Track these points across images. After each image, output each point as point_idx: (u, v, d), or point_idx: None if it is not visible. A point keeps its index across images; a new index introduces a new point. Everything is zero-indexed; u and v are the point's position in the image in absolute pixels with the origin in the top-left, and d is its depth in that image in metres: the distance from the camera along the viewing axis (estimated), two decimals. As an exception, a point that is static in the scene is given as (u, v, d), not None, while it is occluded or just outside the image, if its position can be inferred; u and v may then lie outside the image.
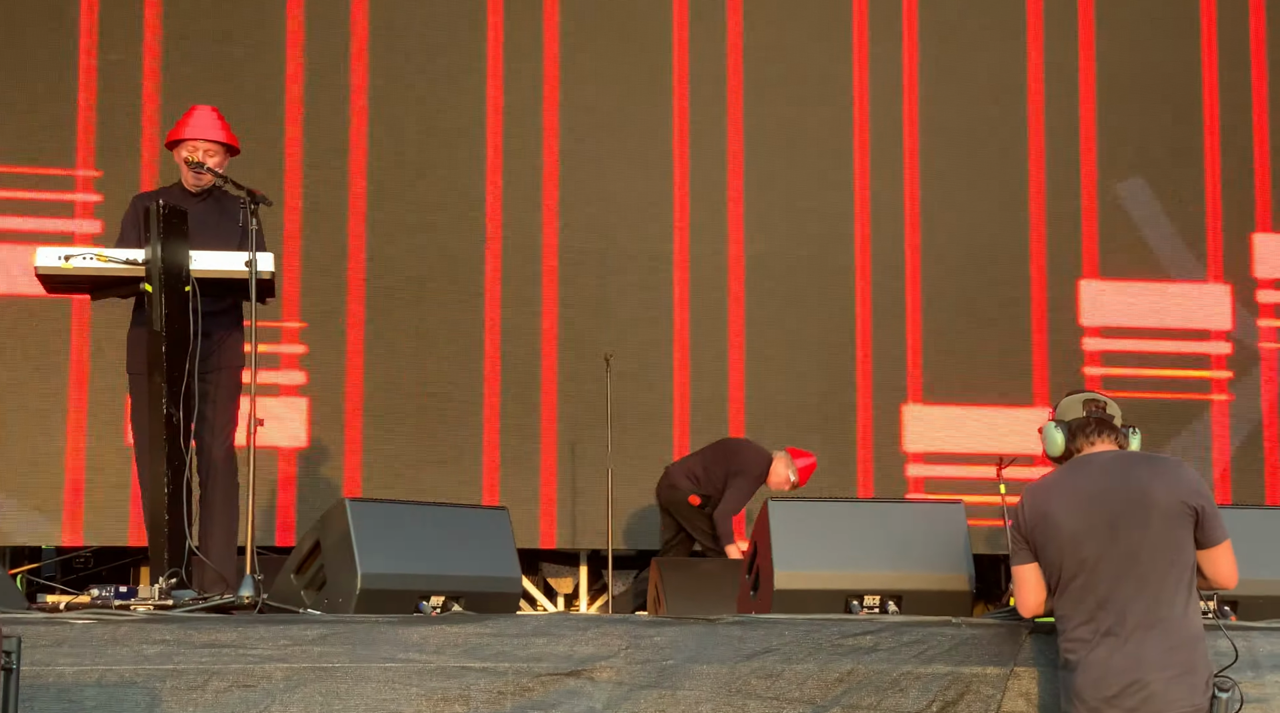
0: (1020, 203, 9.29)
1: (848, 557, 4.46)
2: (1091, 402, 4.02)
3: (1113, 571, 3.80)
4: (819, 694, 4.16)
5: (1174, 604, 3.76)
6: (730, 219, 9.05)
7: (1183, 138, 9.42)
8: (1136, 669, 3.72)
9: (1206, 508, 3.82)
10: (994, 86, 9.33)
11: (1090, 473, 3.90)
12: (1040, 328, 9.16)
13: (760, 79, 9.15)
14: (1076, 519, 3.86)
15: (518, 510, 7.68)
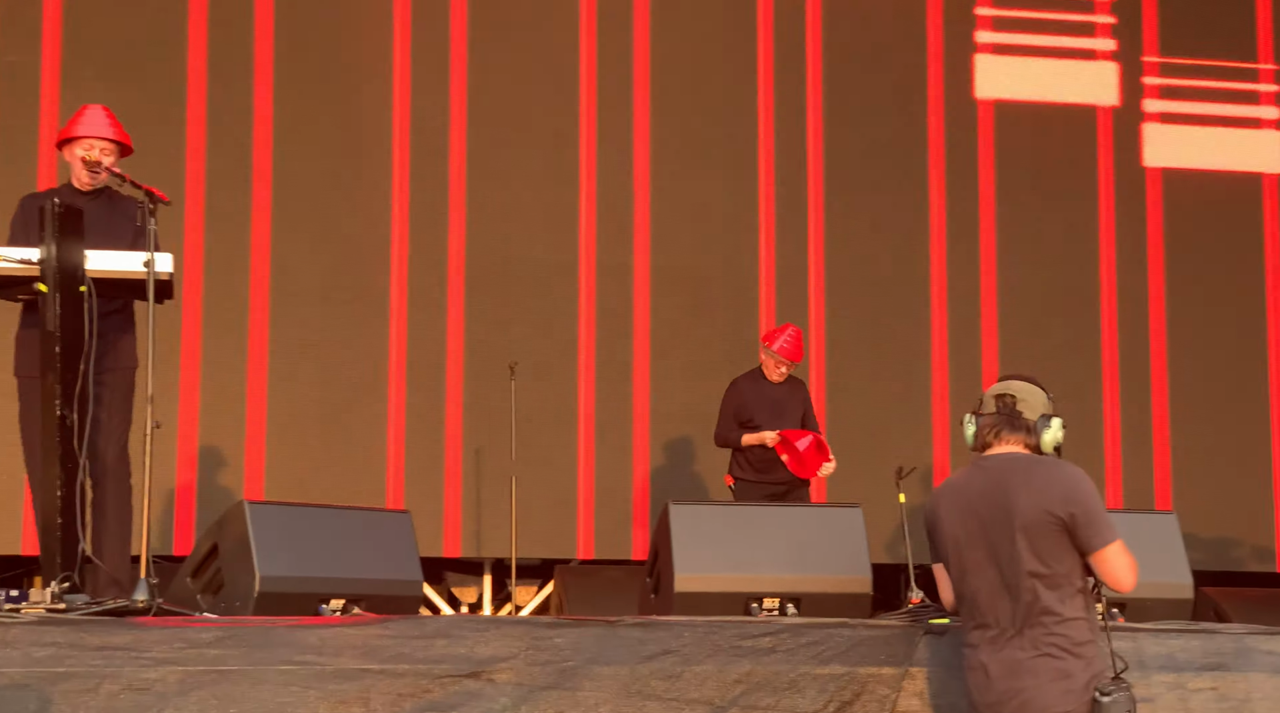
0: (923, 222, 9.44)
1: (747, 560, 4.50)
2: (1004, 397, 3.94)
3: (987, 578, 3.82)
4: (718, 695, 4.18)
5: (1048, 611, 3.73)
6: (636, 228, 9.08)
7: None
8: (1011, 676, 3.74)
9: (1079, 515, 3.72)
10: (897, 101, 9.48)
11: (975, 478, 3.90)
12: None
13: (666, 90, 9.20)
14: (957, 525, 3.88)
15: (421, 519, 7.65)
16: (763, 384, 7.46)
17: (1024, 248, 9.51)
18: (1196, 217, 9.76)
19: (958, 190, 9.50)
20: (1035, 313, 9.49)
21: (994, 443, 3.92)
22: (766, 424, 7.30)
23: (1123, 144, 9.73)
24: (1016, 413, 3.91)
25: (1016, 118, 9.62)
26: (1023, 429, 3.89)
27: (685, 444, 8.88)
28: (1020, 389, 3.94)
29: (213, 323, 8.48)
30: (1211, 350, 9.66)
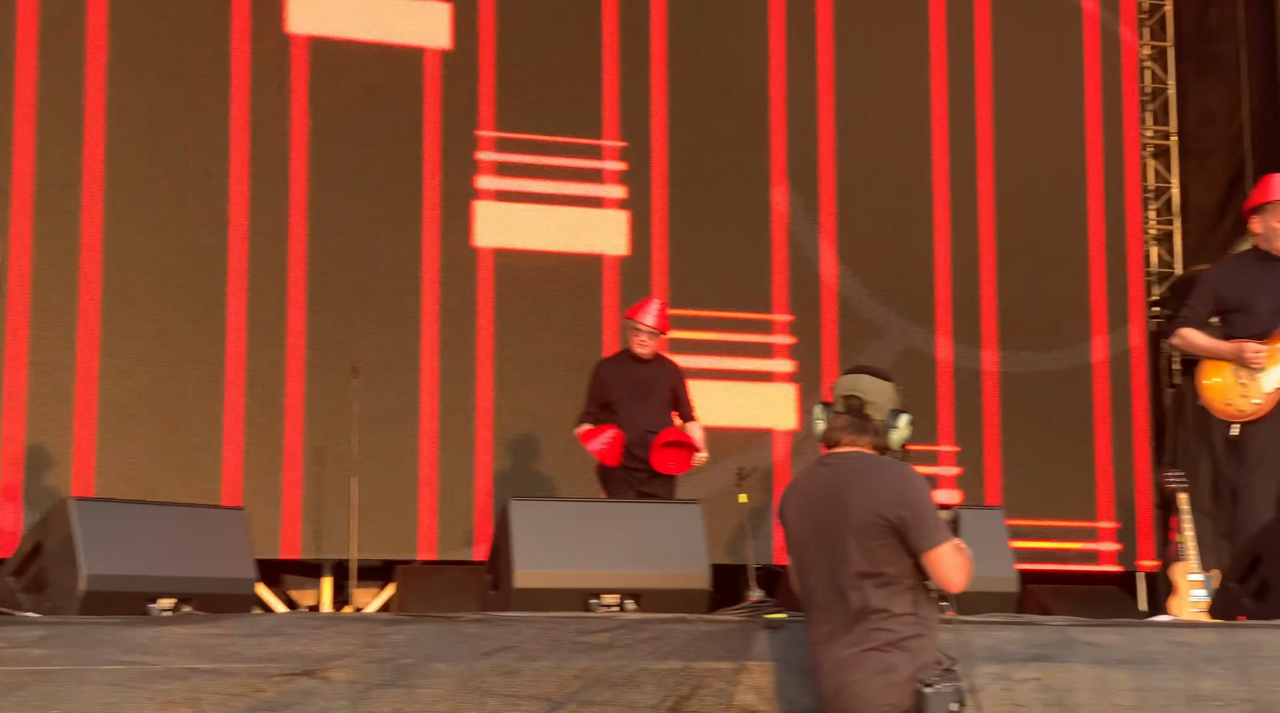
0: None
1: (587, 556, 4.50)
2: (851, 398, 3.93)
3: (821, 576, 3.86)
4: (555, 691, 4.17)
5: (877, 609, 3.77)
6: (477, 223, 9.05)
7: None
8: (839, 672, 3.79)
9: (909, 519, 3.74)
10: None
11: (817, 476, 3.94)
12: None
13: (511, 94, 9.19)
14: (798, 523, 3.92)
15: (259, 519, 7.51)
16: (628, 365, 7.25)
17: (863, 245, 9.68)
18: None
19: (799, 186, 9.64)
20: (875, 305, 9.66)
21: (842, 441, 3.93)
22: (628, 405, 7.11)
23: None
24: (864, 416, 3.91)
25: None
26: (870, 431, 3.90)
27: (529, 443, 8.86)
28: (868, 388, 3.93)
29: (42, 318, 8.22)
30: (1040, 348, 9.95)
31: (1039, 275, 9.99)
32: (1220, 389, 6.03)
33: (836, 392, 3.98)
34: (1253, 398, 5.92)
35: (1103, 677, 4.47)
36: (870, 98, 9.79)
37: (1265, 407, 5.89)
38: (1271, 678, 4.58)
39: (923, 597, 3.84)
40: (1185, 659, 4.58)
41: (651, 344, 7.21)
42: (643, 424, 7.13)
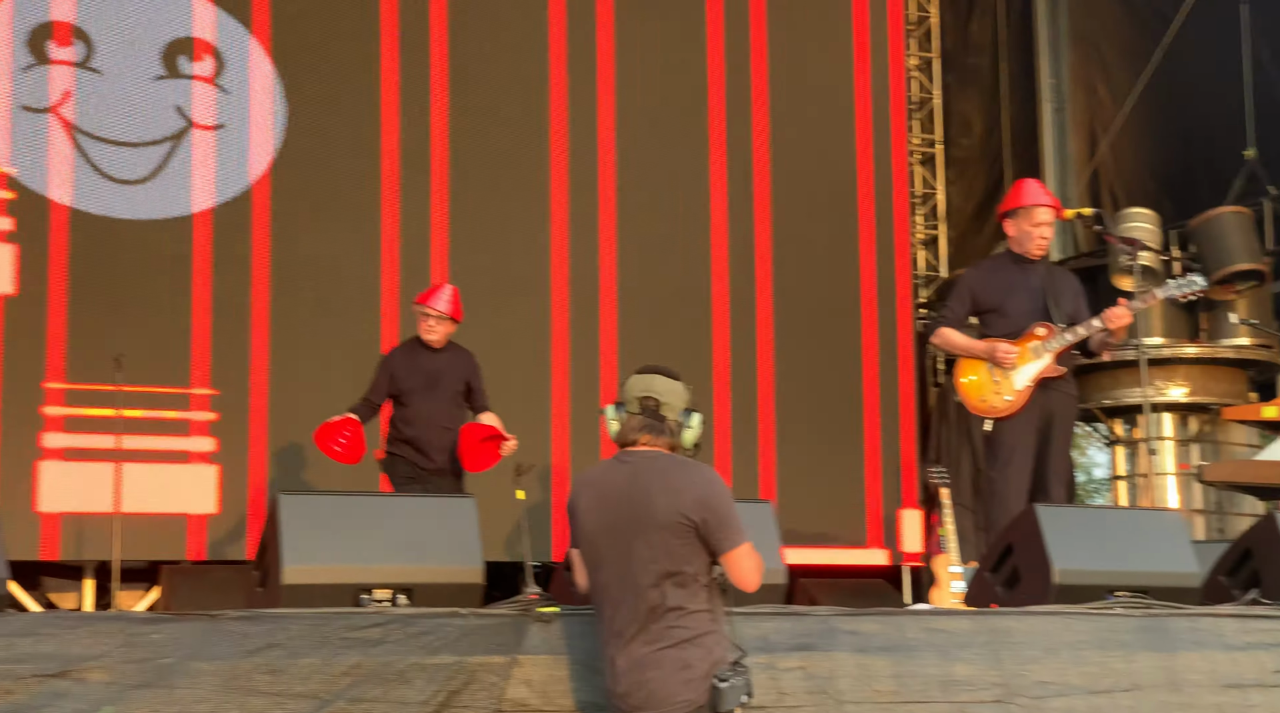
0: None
1: (358, 550, 4.45)
2: (647, 399, 3.98)
3: (617, 573, 3.89)
4: (324, 688, 4.11)
5: (674, 608, 3.83)
6: (255, 216, 8.86)
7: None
8: (637, 669, 3.83)
9: (711, 520, 3.83)
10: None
11: (616, 473, 3.96)
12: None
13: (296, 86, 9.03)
14: (594, 518, 3.94)
15: (15, 520, 7.22)
16: (419, 354, 7.01)
17: (641, 247, 9.78)
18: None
19: (578, 187, 9.70)
20: (653, 311, 9.76)
21: (640, 441, 3.98)
22: (418, 397, 6.90)
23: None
24: (660, 416, 3.97)
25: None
26: (666, 431, 3.96)
27: (304, 441, 8.71)
28: (663, 389, 3.99)
29: None
30: (811, 350, 10.20)
31: (811, 278, 10.23)
32: (975, 387, 6.27)
33: (630, 392, 4.02)
34: (1005, 395, 6.18)
35: (864, 664, 4.61)
36: (646, 107, 9.88)
37: (1017, 404, 6.16)
38: (1020, 662, 4.79)
39: (715, 593, 3.91)
40: (941, 646, 4.75)
41: (440, 331, 6.96)
42: (436, 419, 6.94)
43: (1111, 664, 4.85)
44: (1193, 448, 10.87)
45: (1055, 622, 4.92)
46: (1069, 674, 4.80)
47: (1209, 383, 10.66)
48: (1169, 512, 5.73)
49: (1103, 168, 12.00)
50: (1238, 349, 10.66)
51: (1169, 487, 10.86)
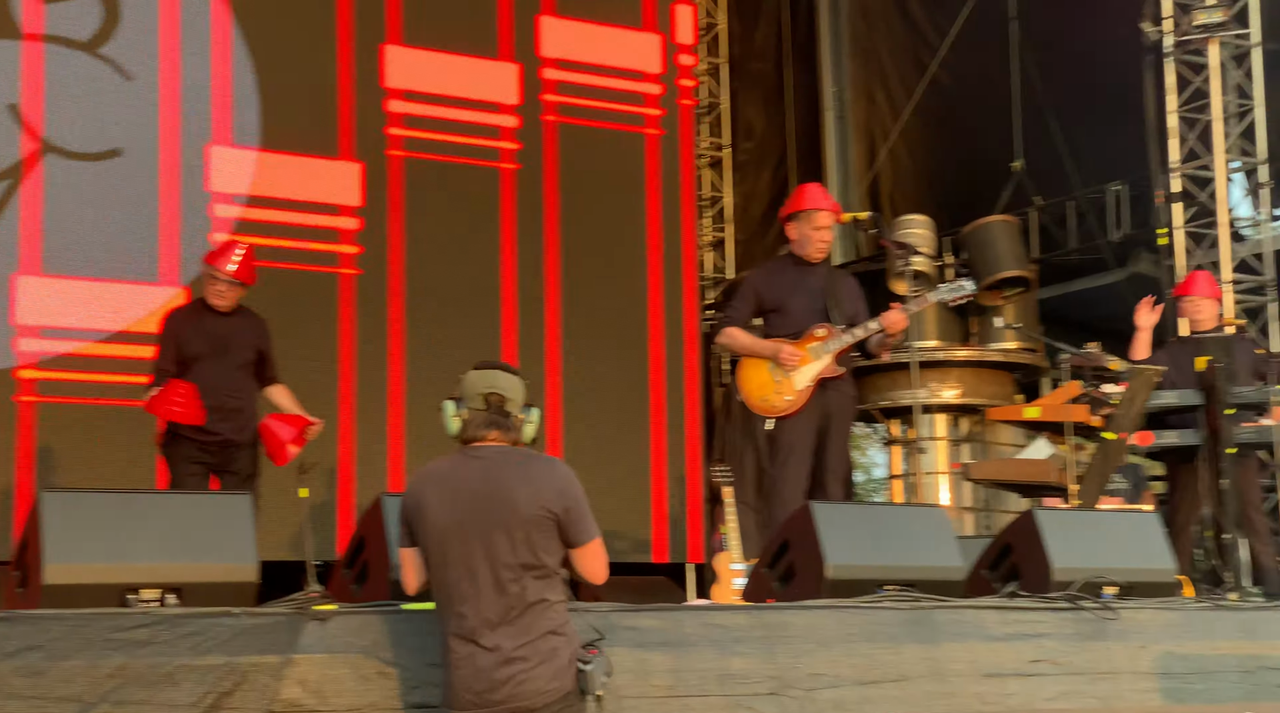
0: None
1: (125, 548, 4.31)
2: (492, 395, 4.01)
3: (473, 568, 3.88)
4: (87, 691, 3.98)
5: (536, 601, 3.88)
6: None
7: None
8: (503, 664, 3.83)
9: (572, 510, 3.93)
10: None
11: (467, 468, 3.95)
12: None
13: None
14: (444, 515, 3.91)
15: None
16: (205, 317, 6.51)
17: (430, 243, 9.69)
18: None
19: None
20: (441, 309, 9.68)
21: (485, 437, 3.99)
22: (204, 364, 6.38)
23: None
24: (505, 412, 4.01)
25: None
26: (510, 426, 4.01)
27: (76, 436, 8.41)
28: (506, 385, 4.03)
29: None
30: (599, 350, 10.26)
31: (598, 279, 10.28)
32: (758, 386, 6.40)
33: (473, 389, 4.03)
34: (785, 395, 6.32)
35: (642, 659, 4.67)
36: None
37: (797, 403, 6.30)
38: (794, 656, 4.91)
39: (565, 584, 4.01)
40: (718, 640, 4.84)
41: (231, 296, 6.50)
42: (222, 388, 6.44)
43: (880, 656, 5.00)
44: (964, 447, 11.29)
45: (828, 616, 5.05)
46: (840, 666, 4.94)
47: (979, 385, 11.09)
48: (935, 508, 5.93)
49: (882, 175, 12.38)
50: (1005, 352, 11.11)
51: (941, 485, 11.26)
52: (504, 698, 3.84)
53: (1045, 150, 11.25)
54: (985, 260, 10.75)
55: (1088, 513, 6.64)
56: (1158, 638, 5.53)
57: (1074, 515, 6.44)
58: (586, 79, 10.37)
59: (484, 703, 3.86)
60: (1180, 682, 5.47)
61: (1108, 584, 5.58)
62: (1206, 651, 5.60)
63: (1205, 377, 7.26)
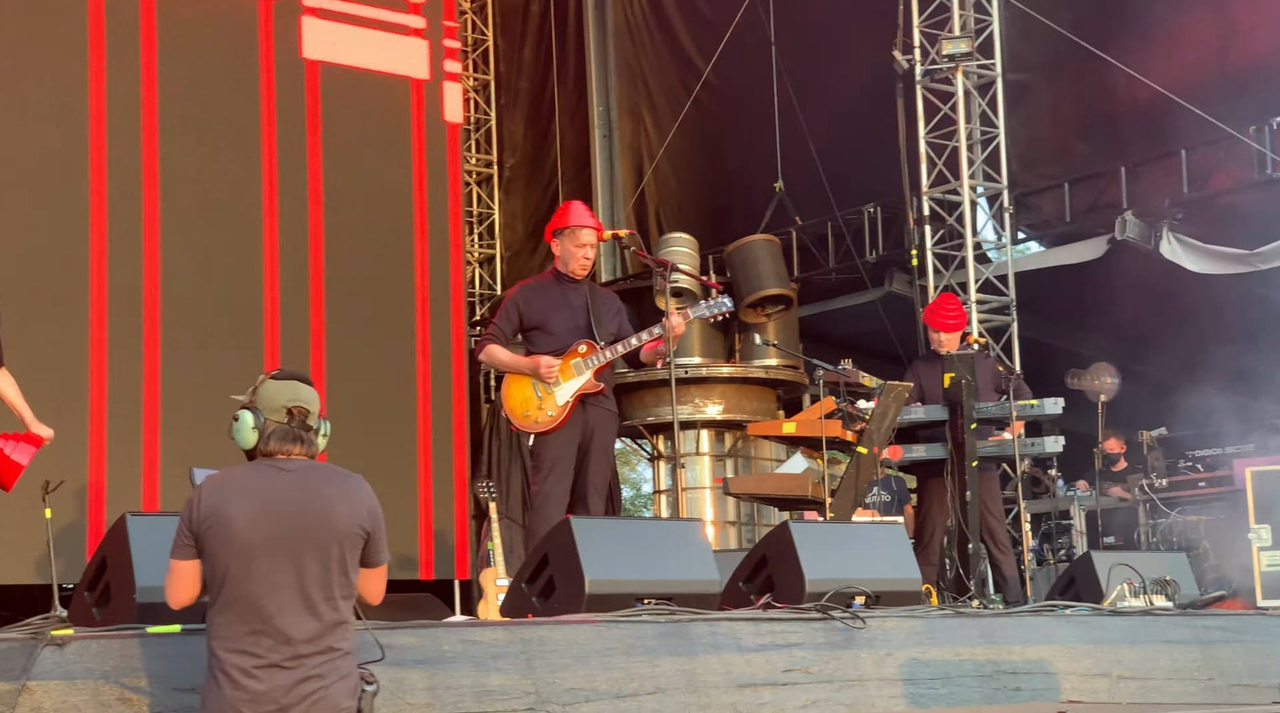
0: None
1: None
2: (295, 409, 3.92)
3: (277, 583, 3.77)
4: None
5: (339, 621, 3.86)
6: None
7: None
8: (301, 683, 3.75)
9: (376, 532, 3.92)
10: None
11: (283, 483, 3.84)
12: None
13: None
14: (255, 530, 3.78)
15: None
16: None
17: (188, 255, 9.44)
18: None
19: (119, 193, 9.28)
20: (201, 323, 9.43)
21: (293, 451, 3.91)
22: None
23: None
24: (308, 426, 3.93)
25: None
26: (309, 442, 3.94)
27: None
28: (308, 397, 3.96)
29: None
30: (365, 365, 10.14)
31: (365, 295, 10.17)
32: (520, 402, 6.43)
33: (273, 400, 3.92)
34: (547, 410, 6.36)
35: (399, 677, 4.63)
36: (191, 107, 9.55)
37: (558, 419, 6.35)
38: (553, 670, 4.93)
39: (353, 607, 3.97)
40: (476, 657, 4.83)
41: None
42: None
43: (637, 669, 5.07)
44: (728, 462, 11.52)
45: (586, 630, 5.09)
46: (597, 680, 4.98)
47: (742, 401, 11.34)
48: (692, 522, 6.04)
49: (648, 193, 12.57)
50: (767, 369, 11.39)
51: (705, 500, 11.46)
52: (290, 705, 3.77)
53: (806, 172, 11.59)
54: (748, 279, 11.01)
55: (840, 525, 6.85)
56: (903, 645, 5.73)
57: (827, 528, 6.63)
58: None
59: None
60: (924, 687, 5.68)
61: (857, 594, 5.76)
62: (949, 656, 5.82)
63: (950, 393, 7.56)
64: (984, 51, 10.72)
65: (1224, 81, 10.13)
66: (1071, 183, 10.92)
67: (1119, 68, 10.19)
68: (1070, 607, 6.58)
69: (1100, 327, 11.75)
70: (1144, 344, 11.25)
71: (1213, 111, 9.92)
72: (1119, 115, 10.62)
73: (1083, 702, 5.89)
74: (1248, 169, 9.98)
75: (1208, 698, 6.35)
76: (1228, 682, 6.53)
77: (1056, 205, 11.00)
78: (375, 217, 10.33)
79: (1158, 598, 6.76)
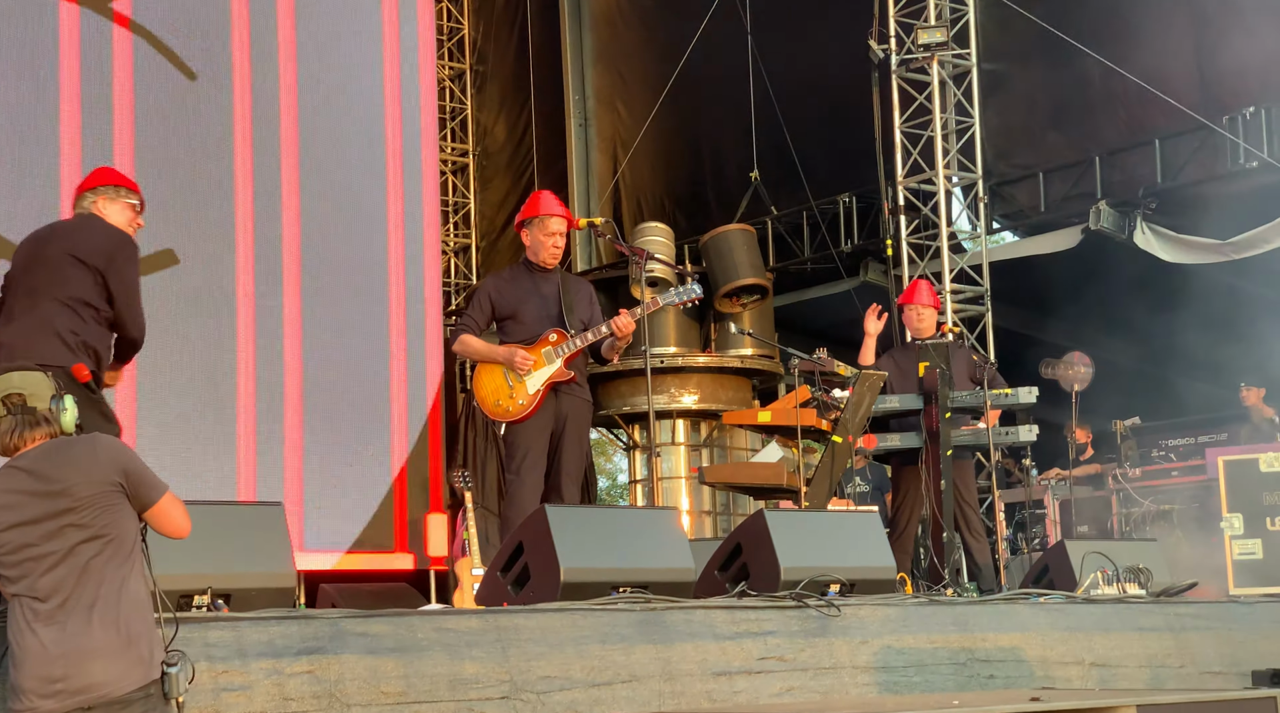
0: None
1: None
2: (9, 397, 3.87)
3: (53, 561, 3.75)
4: None
5: (120, 585, 3.77)
6: None
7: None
8: (78, 658, 3.70)
9: (131, 474, 3.82)
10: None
11: (19, 474, 3.80)
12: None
13: None
14: (9, 524, 3.76)
15: None
16: None
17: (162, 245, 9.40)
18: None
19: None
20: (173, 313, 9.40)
21: (22, 445, 3.85)
22: None
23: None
24: (30, 409, 3.87)
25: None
26: (42, 422, 3.86)
27: None
28: (21, 383, 3.97)
29: None
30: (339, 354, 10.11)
31: (340, 284, 10.14)
32: (492, 391, 6.42)
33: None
34: (519, 399, 6.35)
35: (373, 666, 4.62)
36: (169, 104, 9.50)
37: (529, 407, 6.34)
38: (527, 658, 4.93)
39: (142, 566, 3.87)
40: (450, 645, 4.82)
41: None
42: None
43: (612, 657, 5.06)
44: (703, 452, 11.53)
45: (561, 618, 5.09)
46: (572, 669, 4.98)
47: (718, 390, 11.34)
48: (668, 511, 6.04)
49: (624, 183, 12.55)
50: (743, 358, 11.39)
51: (681, 489, 11.47)
52: (79, 688, 3.70)
53: (781, 161, 11.59)
54: (723, 268, 11.00)
55: (814, 514, 6.86)
56: (878, 633, 5.74)
57: (801, 516, 6.64)
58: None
59: (52, 699, 3.70)
60: (898, 675, 5.69)
61: (832, 582, 5.77)
62: (923, 644, 5.84)
63: (926, 382, 7.58)
64: (959, 41, 10.73)
65: (1198, 72, 10.16)
66: (1046, 173, 10.95)
67: (1094, 58, 10.22)
68: (1044, 595, 6.61)
69: (1074, 316, 11.79)
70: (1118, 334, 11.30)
71: (1187, 102, 9.96)
72: (1094, 105, 10.65)
73: (1056, 689, 5.91)
74: (1222, 159, 10.02)
75: (1180, 685, 6.38)
76: (1200, 669, 6.56)
77: (1031, 195, 11.03)
78: (350, 209, 10.30)
79: (1131, 586, 6.79)
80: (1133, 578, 6.81)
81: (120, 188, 5.46)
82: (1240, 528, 7.73)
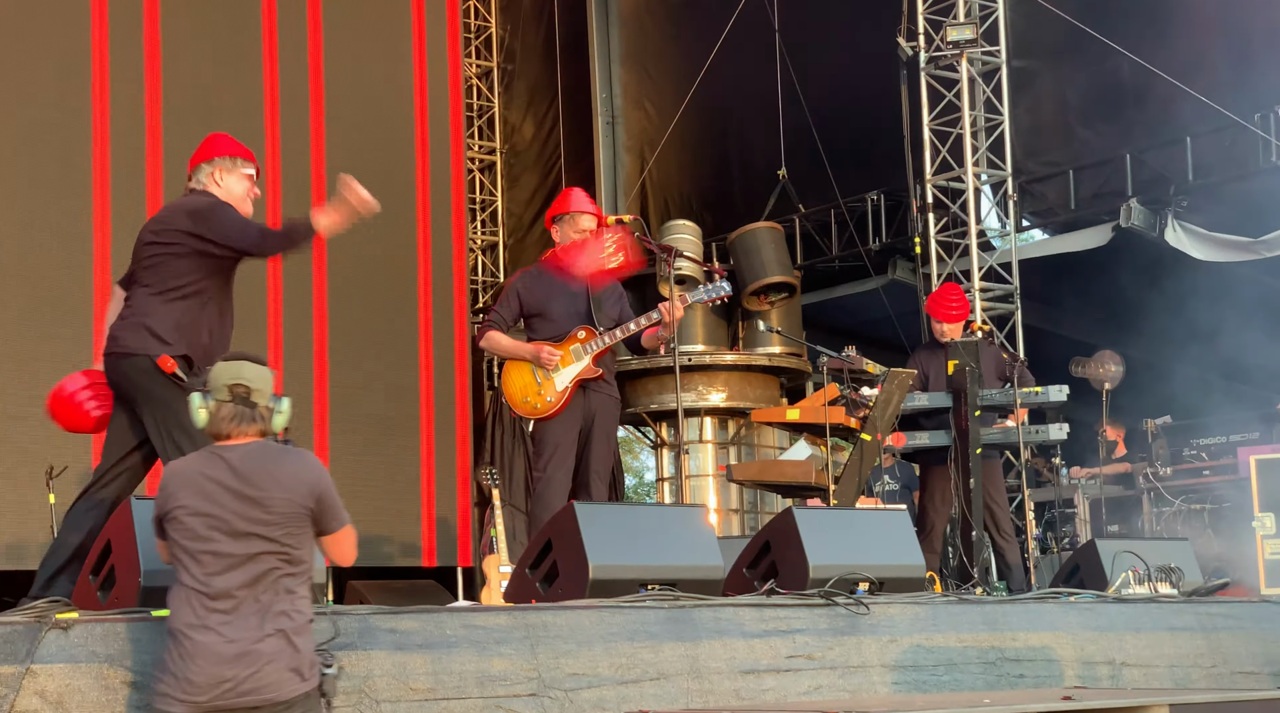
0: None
1: None
2: (237, 386, 3.96)
3: (232, 563, 3.83)
4: None
5: (291, 596, 3.88)
6: None
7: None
8: (251, 660, 3.79)
9: (323, 500, 3.94)
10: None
11: (215, 468, 3.91)
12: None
13: None
14: (200, 518, 3.86)
15: None
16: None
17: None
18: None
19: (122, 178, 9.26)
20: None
21: (230, 432, 3.95)
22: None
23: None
24: (252, 403, 3.96)
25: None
26: (257, 418, 3.96)
27: None
28: (252, 376, 3.98)
29: None
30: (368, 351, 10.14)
31: (368, 283, 10.17)
32: (520, 388, 6.42)
33: (218, 380, 3.98)
34: (547, 396, 6.35)
35: (401, 662, 4.63)
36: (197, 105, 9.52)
37: (558, 404, 6.34)
38: (556, 655, 4.93)
39: (310, 581, 4.00)
40: (479, 642, 4.83)
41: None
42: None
43: (640, 655, 5.06)
44: (731, 449, 11.50)
45: (589, 615, 5.08)
46: (600, 666, 4.97)
47: (745, 388, 11.31)
48: (696, 508, 6.03)
49: (651, 181, 12.54)
50: (771, 357, 11.36)
51: (709, 487, 11.45)
52: (248, 690, 3.80)
53: (809, 159, 11.55)
54: (752, 266, 10.98)
55: (843, 512, 6.83)
56: (907, 631, 5.72)
57: (830, 514, 6.62)
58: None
59: (219, 695, 3.79)
60: (927, 673, 5.67)
61: (861, 580, 5.75)
62: (953, 643, 5.81)
63: (955, 380, 7.55)
64: (989, 38, 10.68)
65: (1230, 68, 10.09)
66: (1076, 170, 10.88)
67: (1124, 55, 10.15)
68: (1074, 594, 6.57)
69: (1104, 315, 11.72)
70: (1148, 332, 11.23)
71: (1218, 99, 9.88)
72: (1124, 102, 10.58)
73: (1086, 689, 5.88)
74: (1253, 157, 9.94)
75: (1211, 685, 6.34)
76: (1231, 669, 6.52)
77: (1061, 193, 10.96)
78: (378, 201, 10.29)
79: (1162, 585, 6.75)
80: (1164, 577, 6.77)
81: (237, 158, 5.43)
82: (1272, 527, 7.67)
